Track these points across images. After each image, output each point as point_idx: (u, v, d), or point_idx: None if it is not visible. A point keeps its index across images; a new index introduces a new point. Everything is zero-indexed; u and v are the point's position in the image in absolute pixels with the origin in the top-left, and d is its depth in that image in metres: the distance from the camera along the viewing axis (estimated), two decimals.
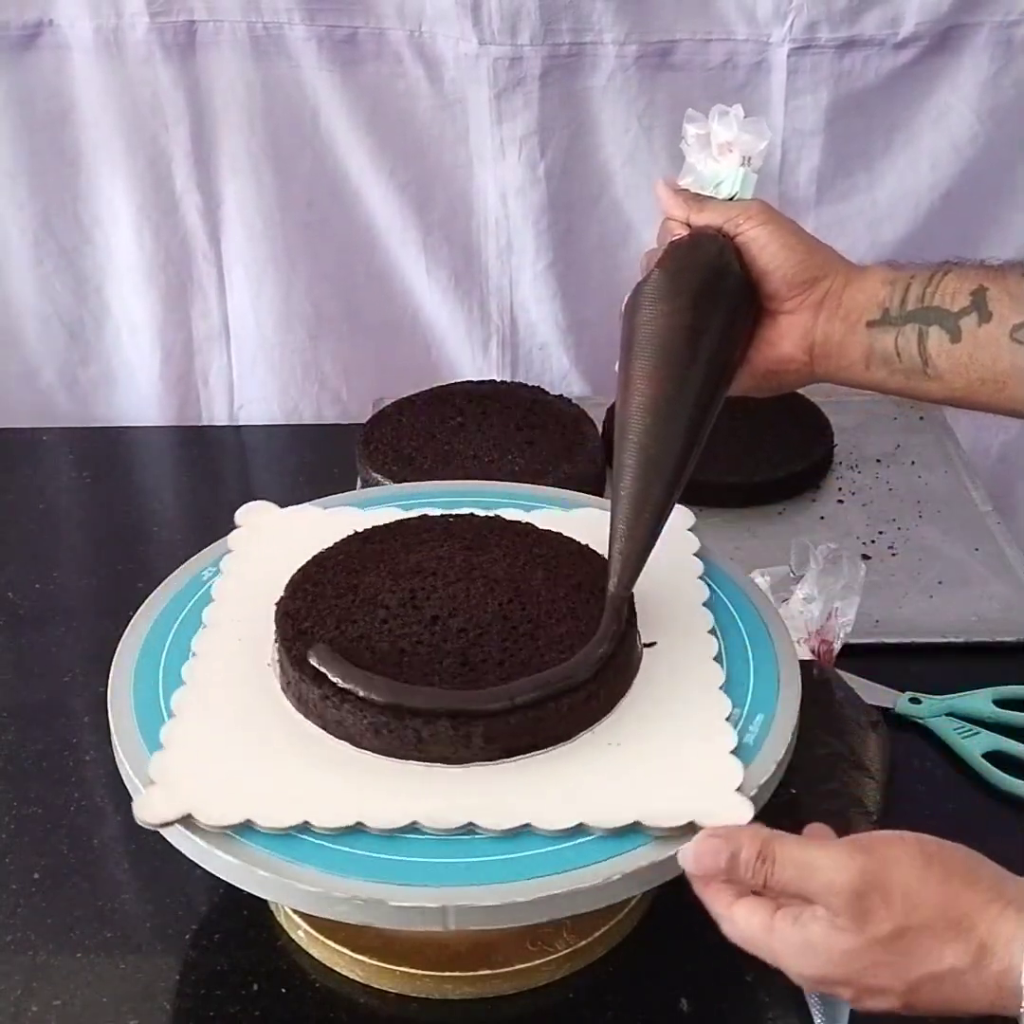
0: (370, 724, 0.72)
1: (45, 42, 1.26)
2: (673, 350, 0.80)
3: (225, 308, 1.39)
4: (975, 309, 0.79)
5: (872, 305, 0.81)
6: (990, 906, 0.60)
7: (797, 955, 0.62)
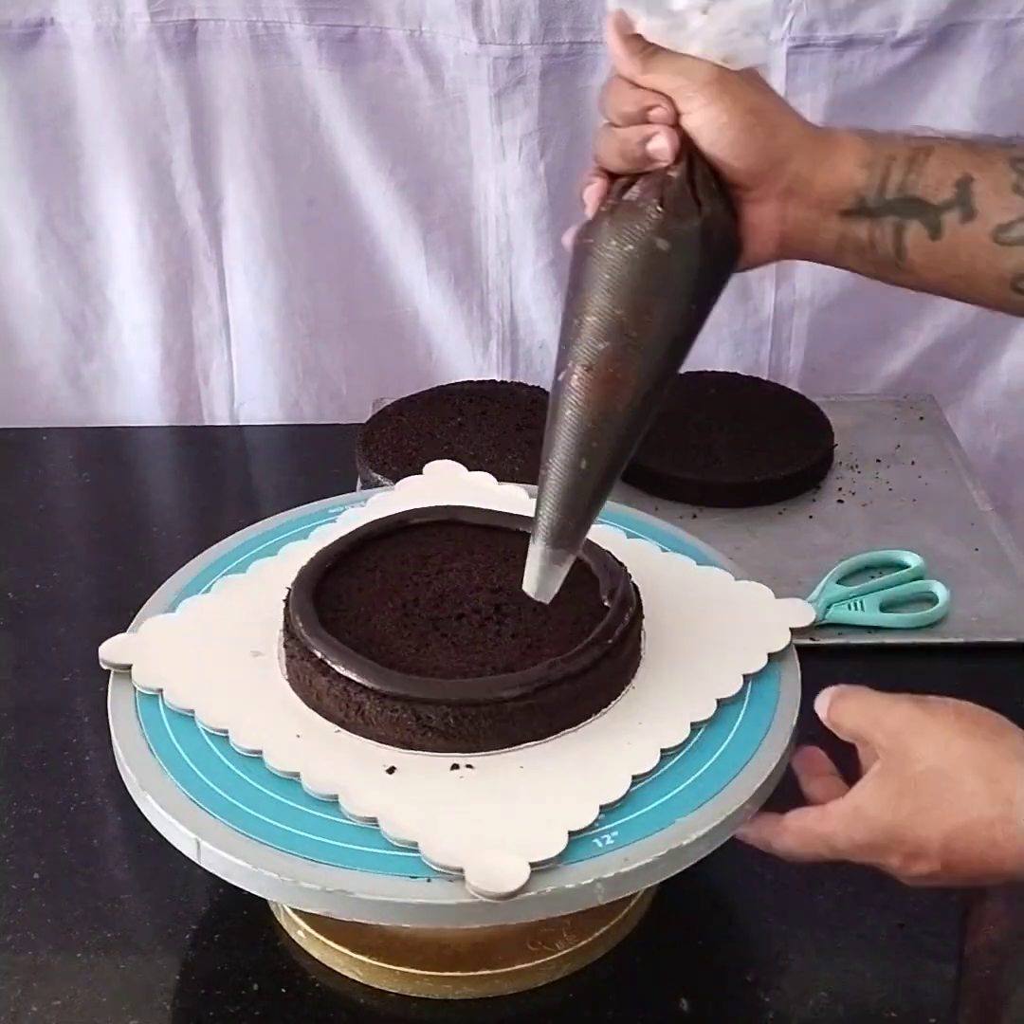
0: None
1: (46, 41, 1.26)
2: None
3: (226, 305, 1.39)
4: (959, 204, 0.73)
5: (847, 192, 0.74)
6: (1013, 765, 0.66)
7: (849, 823, 0.68)
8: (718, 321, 1.38)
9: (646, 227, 0.71)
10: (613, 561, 0.82)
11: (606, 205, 0.73)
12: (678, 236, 0.72)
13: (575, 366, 0.72)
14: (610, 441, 0.73)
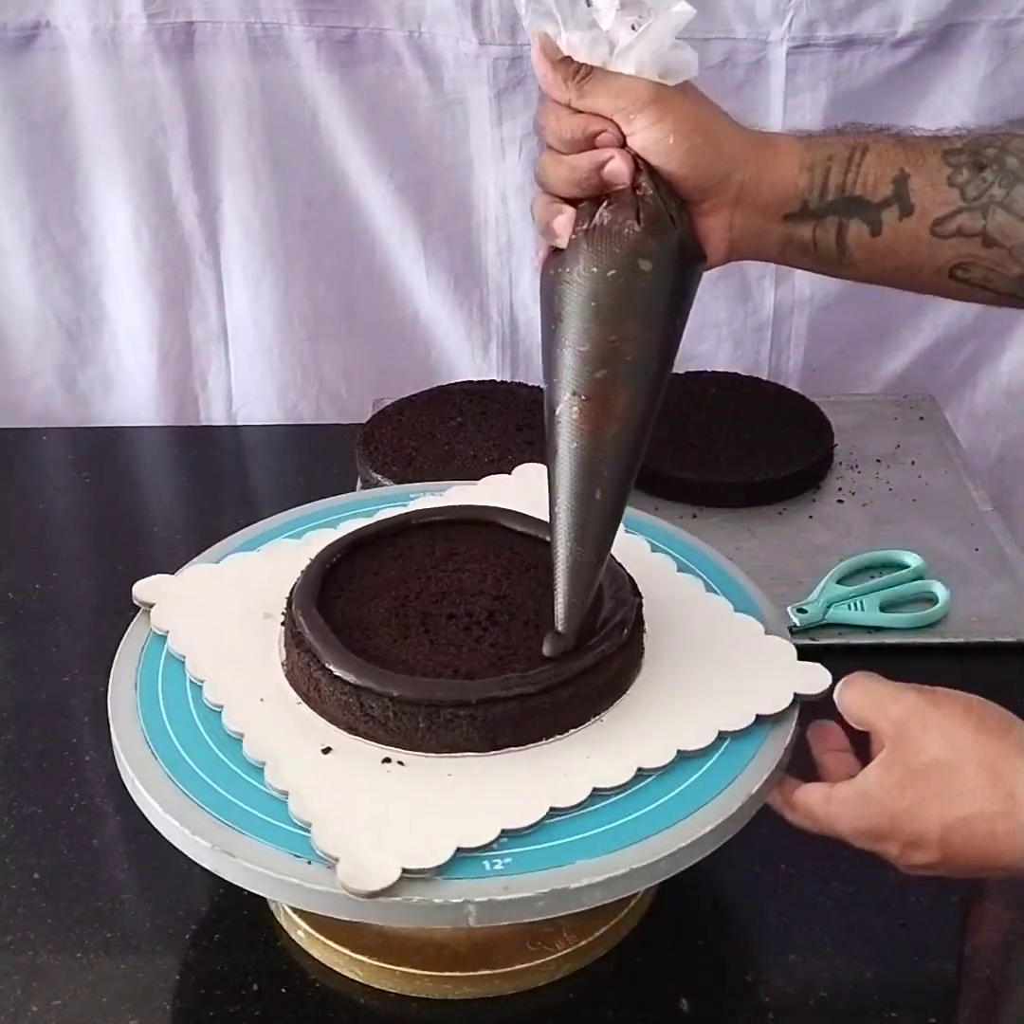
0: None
1: (42, 43, 1.26)
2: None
3: (223, 309, 1.39)
4: (896, 200, 0.76)
5: (790, 196, 0.76)
6: (1017, 761, 0.66)
7: (851, 808, 0.69)
8: (718, 321, 1.38)
9: (627, 249, 0.72)
10: (627, 588, 0.80)
11: (576, 232, 0.73)
12: (659, 254, 0.72)
13: (574, 398, 0.72)
14: (619, 466, 0.74)
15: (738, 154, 0.75)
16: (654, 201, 0.72)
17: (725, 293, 1.37)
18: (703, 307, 1.37)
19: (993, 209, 0.76)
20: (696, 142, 0.73)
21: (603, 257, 0.72)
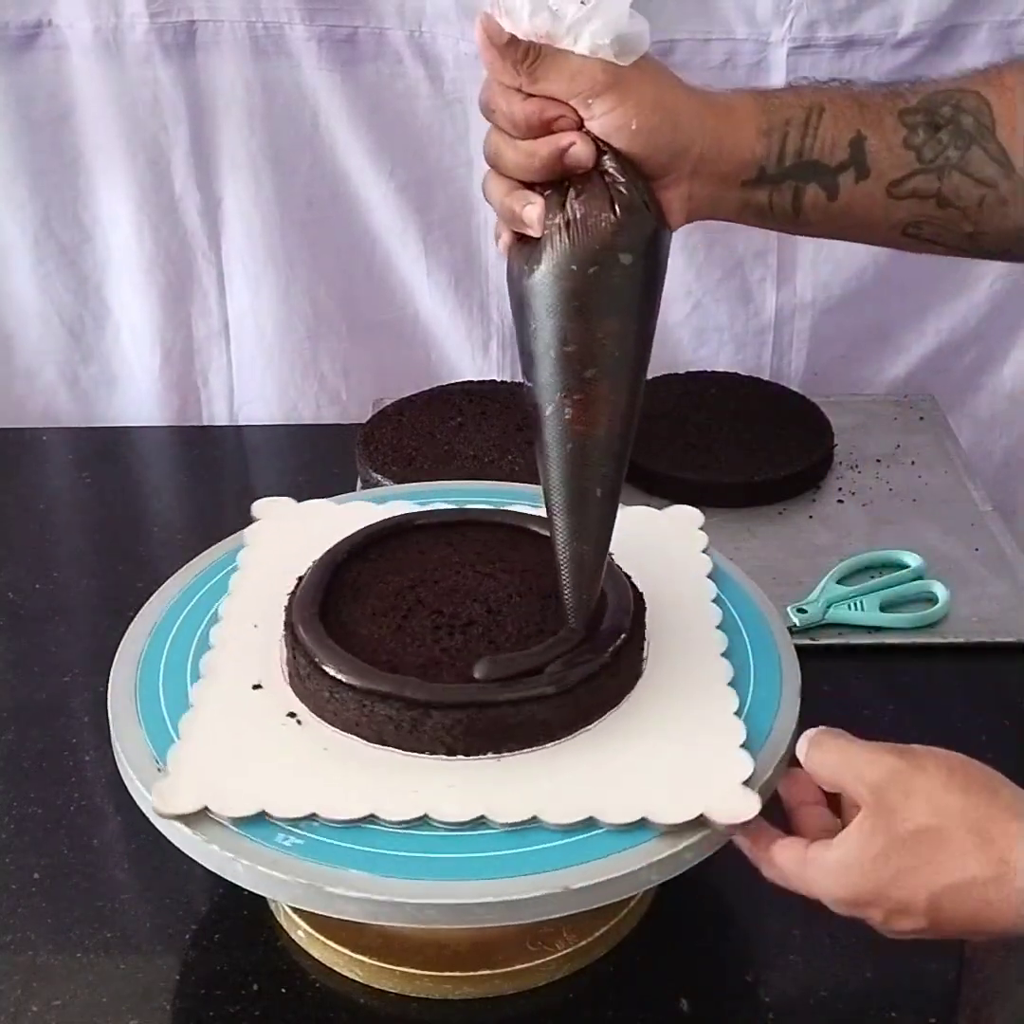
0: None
1: (44, 42, 1.26)
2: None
3: (225, 307, 1.39)
4: (853, 163, 0.75)
5: (748, 164, 0.75)
6: (1010, 824, 0.63)
7: (830, 876, 0.66)
8: (719, 324, 1.38)
9: (607, 245, 0.70)
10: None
11: (548, 226, 0.71)
12: (637, 246, 0.71)
13: (565, 400, 0.72)
14: (615, 461, 0.74)
15: (696, 126, 0.73)
16: (626, 188, 0.70)
17: (726, 296, 1.37)
18: (704, 310, 1.37)
19: (948, 171, 0.76)
20: (656, 122, 0.71)
21: (582, 254, 0.70)
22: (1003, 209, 0.77)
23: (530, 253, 0.71)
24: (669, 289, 1.37)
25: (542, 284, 0.71)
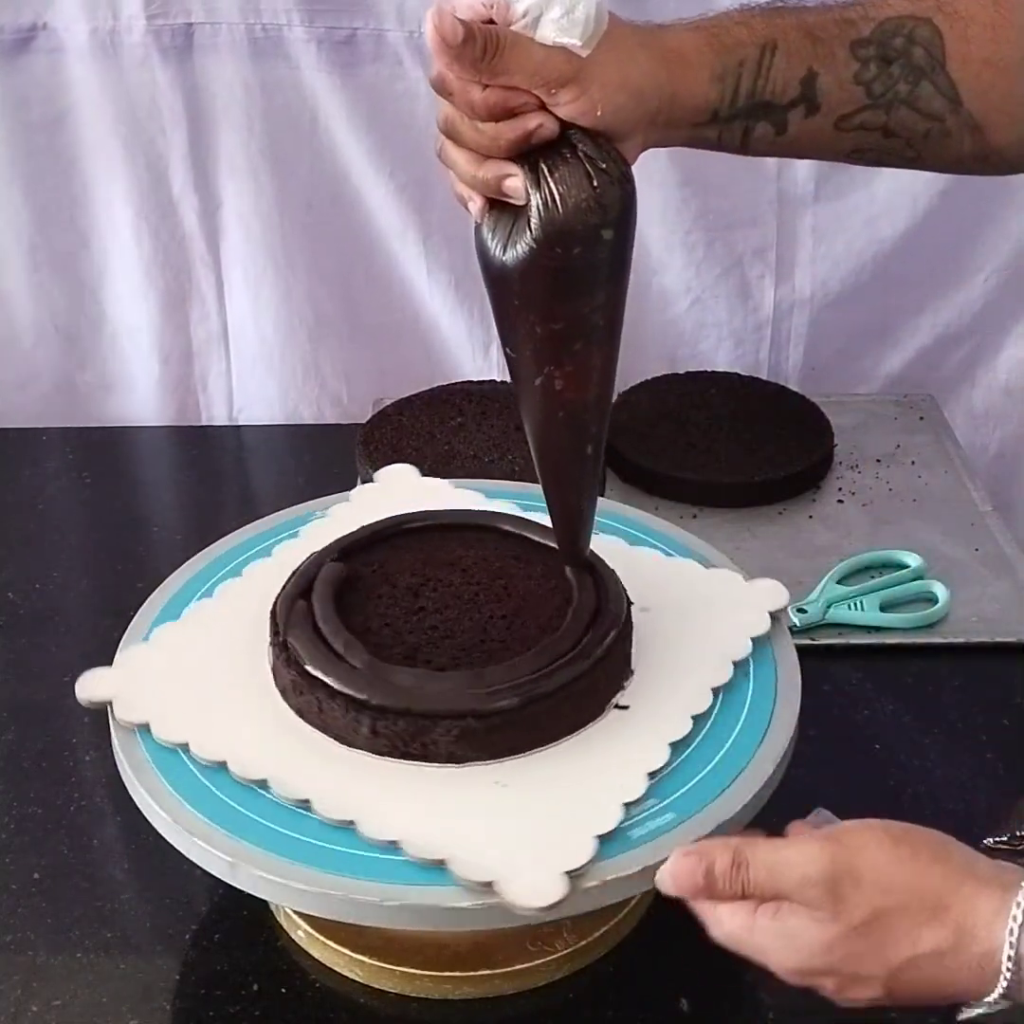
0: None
1: (39, 46, 1.25)
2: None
3: (224, 312, 1.38)
4: (803, 101, 0.76)
5: (701, 110, 0.75)
6: (963, 886, 0.61)
7: (778, 948, 0.63)
8: (718, 320, 1.38)
9: (589, 224, 0.70)
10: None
11: (532, 207, 0.69)
12: (617, 219, 0.71)
13: (555, 371, 0.72)
14: (603, 419, 0.76)
15: (655, 89, 0.73)
16: (603, 162, 0.70)
17: (725, 293, 1.37)
18: (703, 306, 1.37)
19: (897, 106, 0.77)
20: (621, 101, 0.70)
21: (565, 236, 0.69)
22: (946, 140, 0.78)
23: (507, 225, 0.71)
24: (669, 285, 1.38)
25: (525, 264, 0.71)
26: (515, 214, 0.71)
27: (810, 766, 0.79)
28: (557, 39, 0.68)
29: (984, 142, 0.79)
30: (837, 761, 0.92)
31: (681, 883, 0.65)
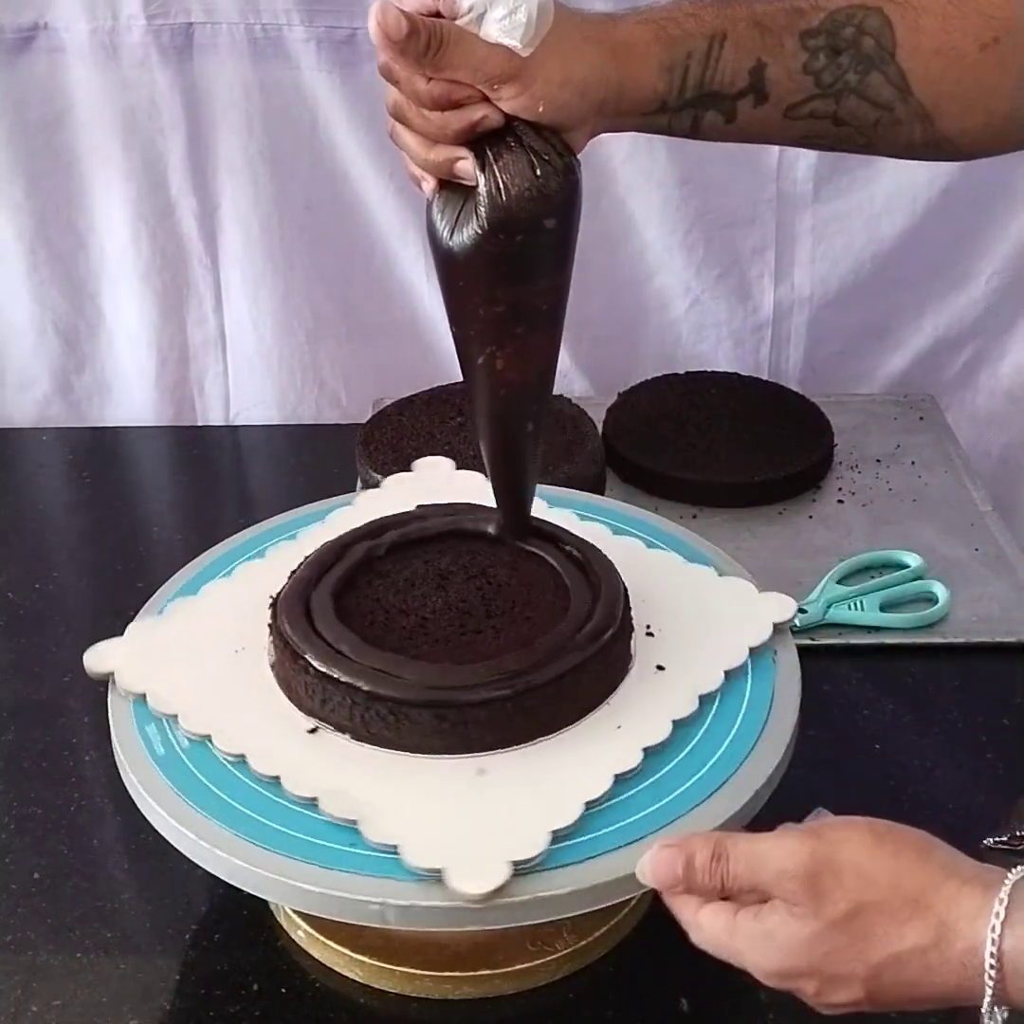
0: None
1: (40, 45, 1.26)
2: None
3: (221, 313, 1.38)
4: (752, 91, 0.76)
5: (649, 100, 0.75)
6: (946, 883, 0.60)
7: (758, 949, 0.62)
8: (718, 320, 1.38)
9: (532, 213, 0.71)
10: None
11: (479, 193, 0.70)
12: (561, 208, 0.72)
13: (497, 352, 0.74)
14: (543, 398, 0.78)
15: (601, 82, 0.73)
16: (547, 153, 0.71)
17: (725, 293, 1.37)
18: (703, 306, 1.37)
19: (846, 95, 0.77)
20: (565, 98, 0.71)
21: (509, 224, 0.70)
22: (897, 128, 0.79)
23: (456, 208, 0.72)
24: (668, 285, 1.38)
25: (470, 248, 0.72)
26: (464, 197, 0.72)
27: (810, 766, 0.79)
28: (499, 39, 0.69)
29: (934, 130, 0.79)
30: (837, 761, 0.92)
31: (660, 874, 0.64)
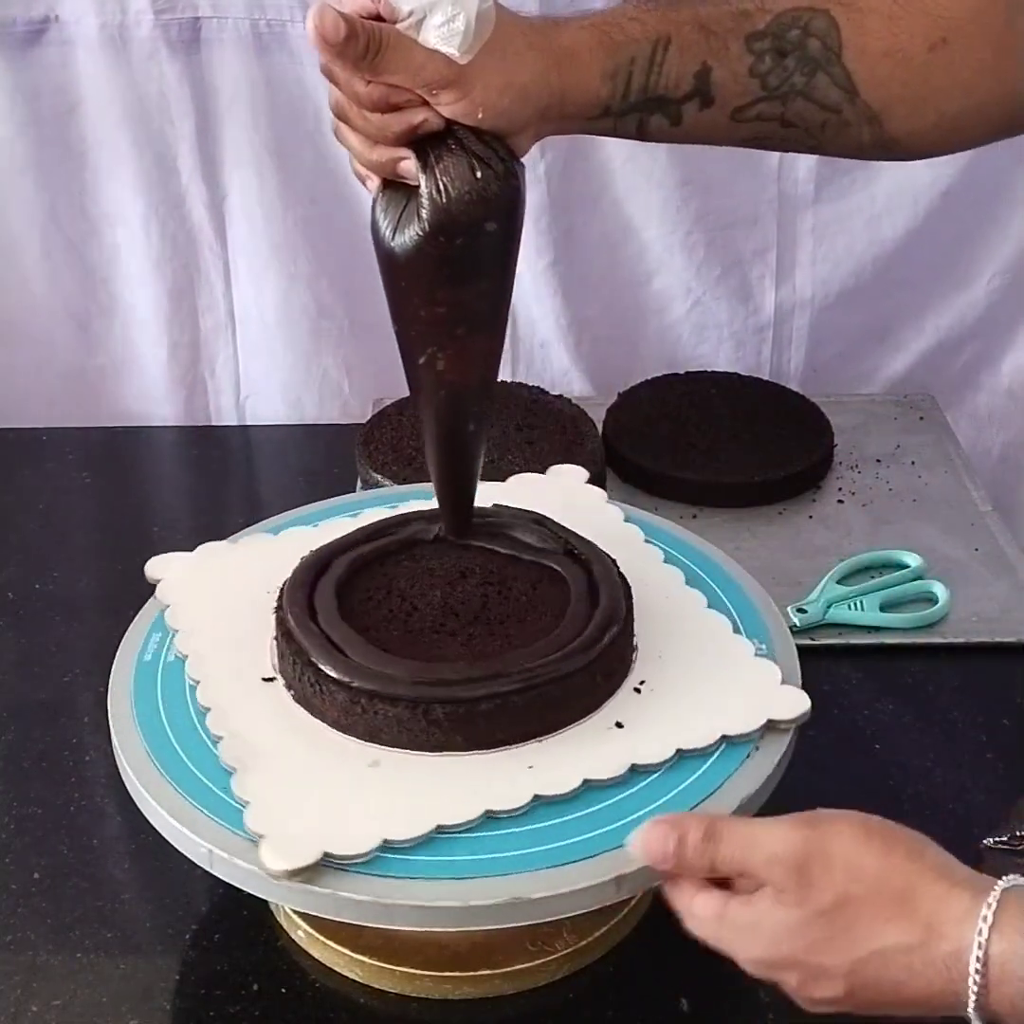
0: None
1: (50, 38, 1.26)
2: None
3: (231, 300, 1.39)
4: (698, 94, 0.76)
5: (593, 106, 0.75)
6: (935, 884, 0.60)
7: (744, 936, 0.63)
8: (719, 321, 1.38)
9: (473, 216, 0.71)
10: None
11: (421, 195, 0.71)
12: (501, 212, 0.72)
13: (438, 353, 0.74)
14: (485, 399, 0.78)
15: (543, 89, 0.73)
16: (487, 157, 0.71)
17: (726, 294, 1.37)
18: (704, 307, 1.37)
19: (793, 97, 0.77)
20: (505, 105, 0.71)
21: (449, 226, 0.70)
22: (845, 130, 0.78)
23: (398, 208, 0.72)
24: (669, 286, 1.38)
25: (411, 249, 0.72)
26: (407, 197, 0.72)
27: (810, 766, 0.79)
28: (436, 46, 0.69)
29: (883, 132, 0.79)
30: (837, 761, 0.92)
31: (651, 849, 0.64)
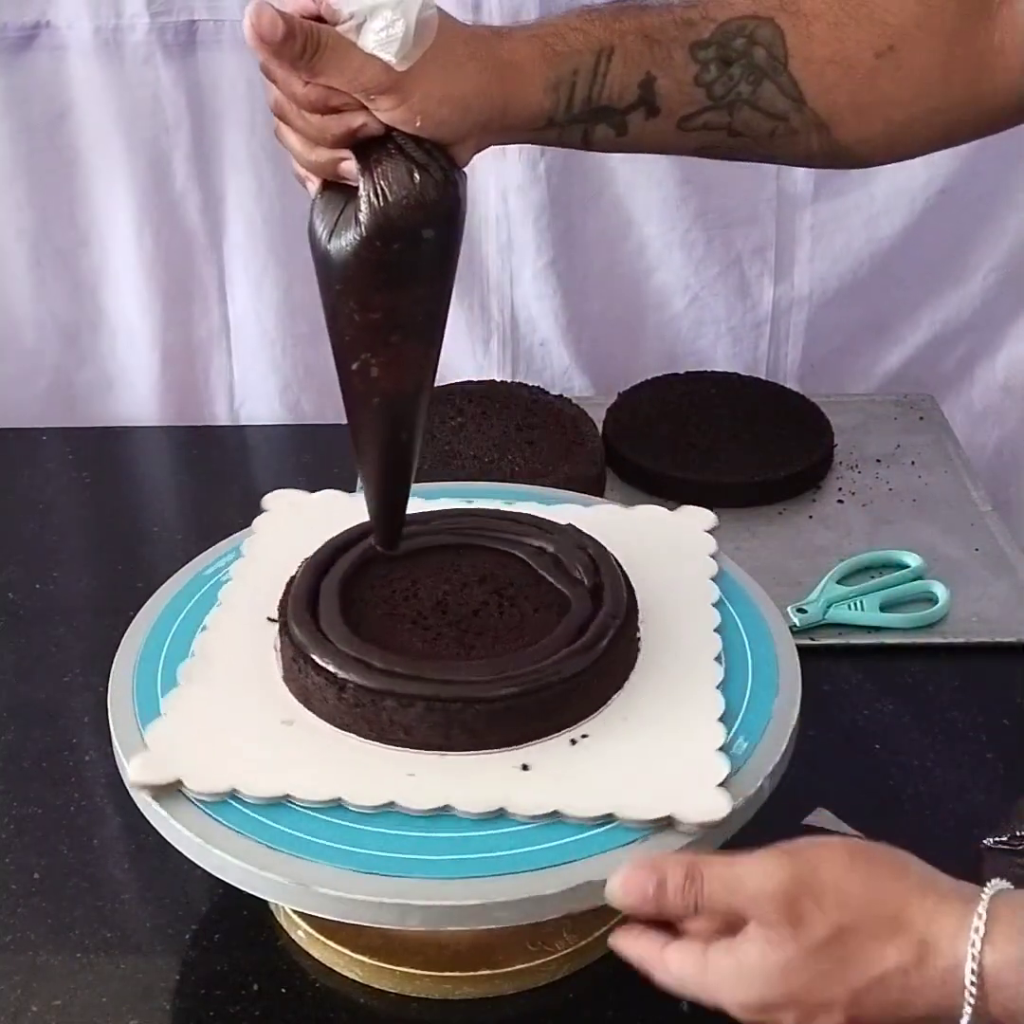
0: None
1: (42, 43, 1.26)
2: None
3: (225, 307, 1.39)
4: (642, 104, 0.75)
5: (536, 117, 0.75)
6: (924, 899, 0.59)
7: (734, 984, 0.60)
8: (716, 317, 1.39)
9: (410, 222, 0.70)
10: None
11: (359, 198, 0.70)
12: (439, 219, 0.71)
13: (371, 359, 0.73)
14: (419, 409, 0.76)
15: (484, 101, 0.72)
16: (426, 164, 0.70)
17: (724, 290, 1.37)
18: (702, 304, 1.38)
19: (739, 106, 0.76)
20: (444, 115, 0.70)
21: (386, 231, 0.70)
22: (793, 138, 0.78)
23: (336, 211, 0.72)
24: (668, 283, 1.38)
25: (347, 253, 0.71)
26: (345, 200, 0.72)
27: (810, 766, 0.79)
28: (374, 51, 0.68)
29: (832, 139, 0.78)
30: (837, 761, 0.92)
31: (630, 895, 0.62)
